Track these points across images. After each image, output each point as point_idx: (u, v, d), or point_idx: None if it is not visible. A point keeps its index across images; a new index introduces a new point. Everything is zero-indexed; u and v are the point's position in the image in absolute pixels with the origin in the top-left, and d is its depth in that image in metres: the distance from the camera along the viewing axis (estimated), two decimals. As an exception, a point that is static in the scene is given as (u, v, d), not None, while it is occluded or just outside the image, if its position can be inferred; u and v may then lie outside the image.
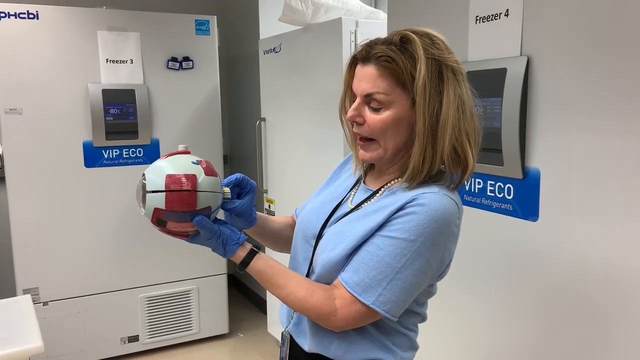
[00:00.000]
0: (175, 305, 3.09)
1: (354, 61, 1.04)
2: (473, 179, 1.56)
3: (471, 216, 1.54)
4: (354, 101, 1.03)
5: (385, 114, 0.98)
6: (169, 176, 0.96)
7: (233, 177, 1.08)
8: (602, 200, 1.23)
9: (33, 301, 1.90)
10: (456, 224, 0.98)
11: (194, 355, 3.07)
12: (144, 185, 0.98)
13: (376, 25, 2.34)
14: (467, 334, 1.64)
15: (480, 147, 1.02)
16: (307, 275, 1.08)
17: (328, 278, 1.02)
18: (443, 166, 0.99)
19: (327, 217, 1.10)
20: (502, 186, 1.47)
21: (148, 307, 3.02)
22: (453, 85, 0.96)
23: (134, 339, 3.01)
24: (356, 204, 1.07)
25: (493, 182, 1.50)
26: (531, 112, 1.37)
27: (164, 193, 0.95)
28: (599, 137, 1.22)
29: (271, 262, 1.03)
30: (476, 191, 1.55)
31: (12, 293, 2.76)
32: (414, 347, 1.09)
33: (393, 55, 0.95)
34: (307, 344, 1.07)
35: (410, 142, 0.99)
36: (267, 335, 3.22)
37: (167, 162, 1.00)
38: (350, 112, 1.02)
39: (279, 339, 1.20)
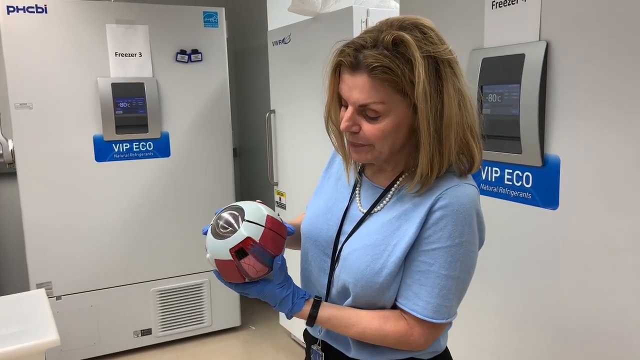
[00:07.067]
0: (187, 298, 3.09)
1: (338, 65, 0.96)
2: (490, 168, 1.53)
3: (489, 205, 1.51)
4: (341, 106, 0.98)
5: (384, 122, 0.92)
6: (270, 217, 0.99)
7: None
8: (623, 187, 1.20)
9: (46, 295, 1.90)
10: (479, 204, 0.97)
11: (207, 348, 3.07)
12: (234, 215, 0.97)
13: (388, 14, 2.30)
14: (484, 324, 1.62)
15: (484, 135, 0.98)
16: (328, 288, 1.05)
17: (371, 294, 0.97)
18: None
19: (338, 222, 1.05)
20: (521, 174, 1.44)
21: (160, 300, 3.02)
22: (452, 80, 0.90)
23: (147, 332, 3.01)
24: (366, 205, 1.03)
25: (511, 171, 1.47)
26: (550, 98, 1.34)
27: (263, 228, 0.96)
28: (620, 124, 1.19)
29: (334, 305, 1.01)
30: (493, 180, 1.53)
31: (26, 287, 2.77)
32: (445, 332, 1.09)
33: (389, 63, 0.87)
34: (351, 351, 1.04)
35: (410, 138, 0.95)
36: (279, 328, 3.22)
37: (264, 206, 1.01)
38: (344, 123, 0.94)
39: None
